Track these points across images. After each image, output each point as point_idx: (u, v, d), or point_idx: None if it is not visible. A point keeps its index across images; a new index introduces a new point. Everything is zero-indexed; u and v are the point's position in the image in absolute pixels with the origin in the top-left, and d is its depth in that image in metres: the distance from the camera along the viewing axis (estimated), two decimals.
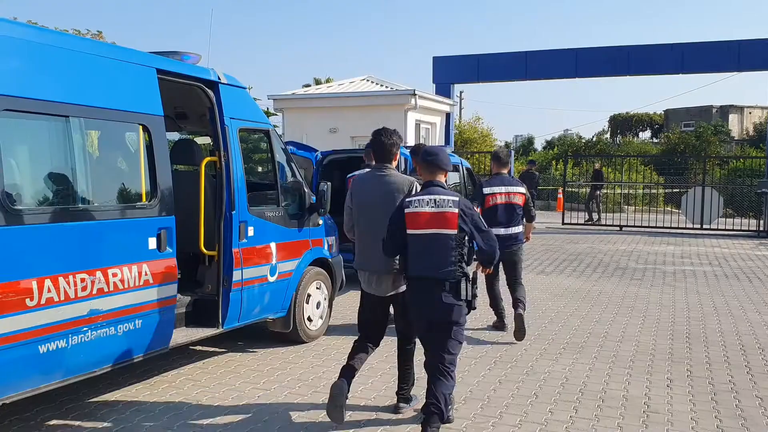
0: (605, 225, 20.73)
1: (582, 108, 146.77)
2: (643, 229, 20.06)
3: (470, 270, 4.71)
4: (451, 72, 23.16)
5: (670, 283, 10.97)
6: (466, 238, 4.60)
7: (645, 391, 5.64)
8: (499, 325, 7.68)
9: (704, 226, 19.73)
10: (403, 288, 4.88)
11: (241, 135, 6.19)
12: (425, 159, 4.84)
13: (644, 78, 27.49)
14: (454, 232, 4.54)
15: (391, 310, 5.14)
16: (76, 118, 4.49)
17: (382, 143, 5.03)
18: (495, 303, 7.66)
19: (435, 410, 4.47)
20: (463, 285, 4.53)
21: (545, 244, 16.49)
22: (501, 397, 5.45)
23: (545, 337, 7.35)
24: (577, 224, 20.99)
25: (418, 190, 4.79)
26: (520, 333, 7.07)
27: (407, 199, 4.69)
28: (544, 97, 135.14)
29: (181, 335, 5.56)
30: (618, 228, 20.33)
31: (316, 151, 10.62)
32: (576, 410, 5.18)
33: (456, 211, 4.55)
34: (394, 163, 5.05)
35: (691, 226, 20.02)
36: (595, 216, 21.66)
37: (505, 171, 7.61)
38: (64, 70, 4.48)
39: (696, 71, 22.15)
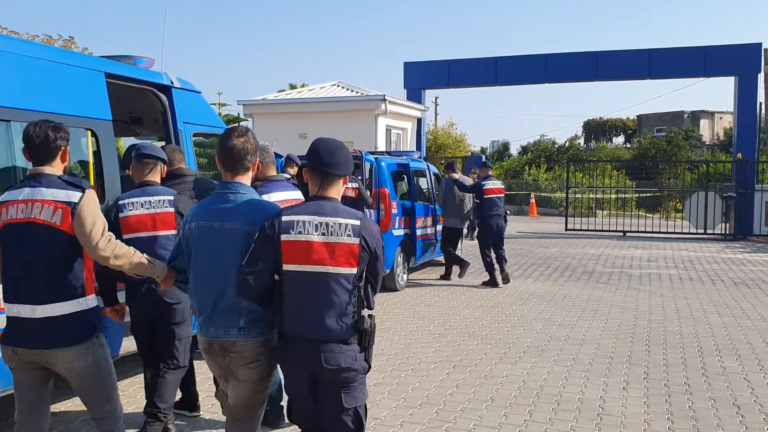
0: (608, 231, 20.77)
1: (559, 114, 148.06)
2: (646, 235, 20.22)
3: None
4: (422, 77, 23.18)
5: (634, 287, 11.06)
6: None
7: (601, 393, 5.65)
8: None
9: (707, 231, 19.80)
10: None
11: (197, 140, 6.13)
12: (486, 164, 11.56)
13: (620, 83, 27.71)
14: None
15: None
16: (19, 123, 4.40)
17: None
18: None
19: None
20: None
21: (515, 248, 16.55)
22: (457, 401, 5.44)
23: (506, 341, 7.36)
24: (580, 230, 20.95)
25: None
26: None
27: (483, 182, 10.98)
28: (522, 103, 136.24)
29: (132, 343, 5.45)
30: (621, 233, 20.46)
31: (281, 156, 10.55)
32: (530, 413, 5.17)
33: (503, 187, 11.29)
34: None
35: (694, 230, 20.13)
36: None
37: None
38: (6, 74, 4.40)
39: (664, 76, 22.39)
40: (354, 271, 3.00)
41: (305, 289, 3.00)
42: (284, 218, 3.03)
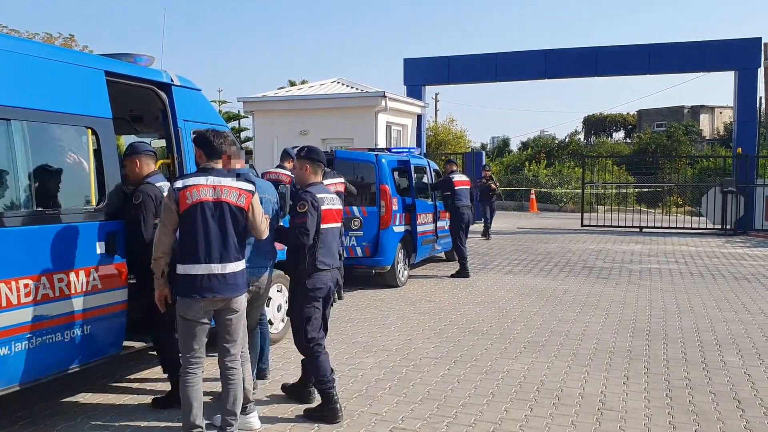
0: (625, 226, 20.76)
1: (559, 109, 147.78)
2: (662, 230, 20.23)
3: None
4: (421, 74, 23.16)
5: (635, 282, 11.07)
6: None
7: (601, 388, 5.67)
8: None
9: (725, 227, 19.70)
10: None
11: None
12: (450, 161, 12.49)
13: (620, 79, 27.79)
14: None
15: None
16: (19, 122, 4.41)
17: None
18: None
19: None
20: None
21: (515, 243, 16.58)
22: (458, 397, 5.45)
23: (507, 337, 7.37)
24: (597, 226, 20.93)
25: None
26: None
27: (450, 175, 11.66)
28: (522, 99, 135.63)
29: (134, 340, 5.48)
30: (638, 230, 20.45)
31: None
32: (531, 409, 5.19)
33: (469, 180, 12.15)
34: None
35: (711, 226, 20.08)
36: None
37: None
38: (6, 72, 4.40)
39: (664, 71, 22.37)
40: (341, 224, 5.23)
41: (331, 238, 5.01)
42: (318, 196, 4.89)
